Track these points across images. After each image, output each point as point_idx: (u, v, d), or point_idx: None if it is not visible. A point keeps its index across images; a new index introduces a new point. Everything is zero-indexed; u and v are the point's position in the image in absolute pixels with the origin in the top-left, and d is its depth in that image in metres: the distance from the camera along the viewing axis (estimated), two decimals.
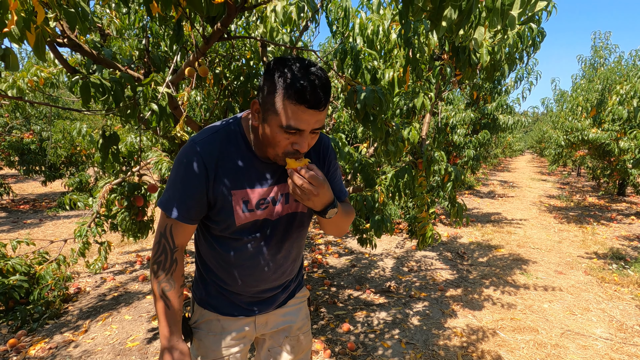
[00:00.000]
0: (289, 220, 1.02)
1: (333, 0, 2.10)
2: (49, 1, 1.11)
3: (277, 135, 0.84)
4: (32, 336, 2.52)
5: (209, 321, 1.07)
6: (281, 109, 0.81)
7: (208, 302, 1.07)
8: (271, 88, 0.82)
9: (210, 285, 1.07)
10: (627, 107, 4.72)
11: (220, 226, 0.96)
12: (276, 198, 0.98)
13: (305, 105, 0.80)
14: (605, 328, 2.80)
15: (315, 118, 0.83)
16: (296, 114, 0.81)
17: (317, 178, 0.86)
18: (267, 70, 0.85)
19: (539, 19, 2.30)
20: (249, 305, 1.07)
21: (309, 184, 0.85)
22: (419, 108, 2.05)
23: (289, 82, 0.79)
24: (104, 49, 1.69)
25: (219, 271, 1.03)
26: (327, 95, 0.83)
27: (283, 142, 0.85)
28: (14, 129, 7.15)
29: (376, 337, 2.61)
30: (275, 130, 0.84)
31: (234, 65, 1.99)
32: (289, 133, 0.83)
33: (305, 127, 0.83)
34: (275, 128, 0.83)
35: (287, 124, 0.81)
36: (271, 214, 0.98)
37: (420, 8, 0.98)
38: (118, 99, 1.28)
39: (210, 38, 1.31)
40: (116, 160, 1.78)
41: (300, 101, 0.79)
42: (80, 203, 3.10)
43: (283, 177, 0.98)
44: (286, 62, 0.82)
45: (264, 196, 0.96)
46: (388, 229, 2.31)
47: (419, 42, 1.86)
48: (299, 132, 0.84)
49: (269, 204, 0.97)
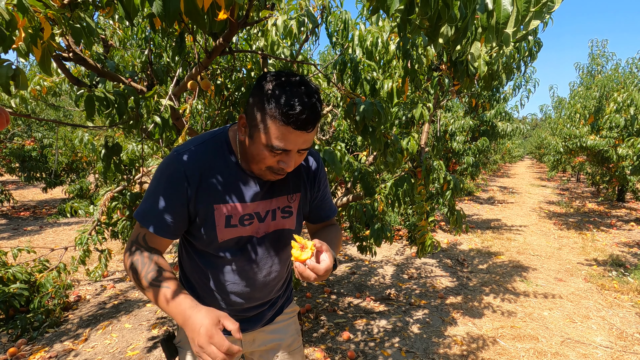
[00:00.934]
0: (275, 238, 0.99)
1: (333, 12, 2.14)
2: (56, 17, 1.14)
3: (262, 153, 0.82)
4: (32, 345, 2.52)
5: None
6: (268, 127, 0.79)
7: None
8: (259, 105, 0.80)
9: None
10: (624, 115, 4.77)
11: (202, 242, 0.92)
12: (262, 214, 0.95)
13: (293, 127, 0.77)
14: (605, 336, 2.79)
15: (302, 139, 0.81)
16: (283, 134, 0.78)
17: (322, 269, 0.84)
18: (256, 85, 0.83)
19: (536, 30, 2.34)
20: None
21: (316, 276, 0.84)
22: (417, 118, 2.08)
23: (276, 102, 0.77)
24: (107, 61, 1.72)
25: (202, 288, 0.99)
26: (316, 117, 0.80)
27: (268, 160, 0.83)
28: (15, 136, 7.19)
29: (376, 345, 2.61)
30: (260, 148, 0.82)
31: (235, 77, 2.02)
32: (275, 152, 0.81)
33: (292, 147, 0.81)
34: (261, 146, 0.82)
35: (273, 144, 0.79)
36: (256, 230, 0.95)
37: (418, 26, 1.01)
38: (122, 112, 1.30)
39: (212, 52, 1.33)
40: (118, 171, 1.80)
41: (287, 122, 0.77)
42: (81, 210, 3.11)
43: (269, 193, 0.96)
44: (276, 78, 0.80)
45: (249, 212, 0.93)
46: (388, 238, 2.32)
47: (417, 54, 1.89)
48: (285, 152, 0.82)
49: (254, 220, 0.94)
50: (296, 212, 1.02)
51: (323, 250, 0.87)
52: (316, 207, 1.10)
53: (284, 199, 0.99)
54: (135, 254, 0.85)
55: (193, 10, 1.02)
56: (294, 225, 1.02)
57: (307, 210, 1.08)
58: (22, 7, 0.99)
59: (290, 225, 1.01)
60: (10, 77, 0.76)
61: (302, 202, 1.03)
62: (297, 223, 1.03)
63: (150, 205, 0.86)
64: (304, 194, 1.03)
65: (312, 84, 0.83)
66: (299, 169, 1.02)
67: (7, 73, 0.75)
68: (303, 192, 1.03)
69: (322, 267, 0.84)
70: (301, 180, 1.02)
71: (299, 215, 1.03)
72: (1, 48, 0.94)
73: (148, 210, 0.87)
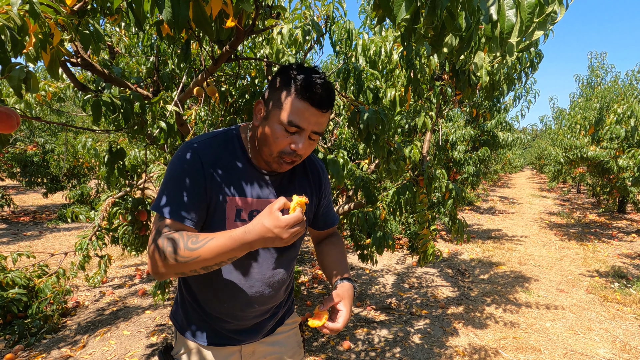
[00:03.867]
0: None
1: (336, 22, 2.17)
2: (65, 23, 1.16)
3: (277, 132, 0.85)
4: (29, 351, 2.49)
5: (190, 352, 1.00)
6: (287, 104, 0.83)
7: (189, 330, 1.00)
8: (279, 85, 0.86)
9: (190, 311, 1.01)
10: (625, 127, 4.79)
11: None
12: None
13: (310, 103, 0.83)
14: (608, 348, 2.76)
15: (316, 119, 0.85)
16: (300, 110, 0.83)
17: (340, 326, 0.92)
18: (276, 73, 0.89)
19: (537, 41, 2.37)
20: (233, 334, 1.01)
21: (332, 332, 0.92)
22: (420, 127, 2.09)
23: (297, 80, 0.83)
24: (113, 67, 1.74)
25: (203, 293, 0.97)
26: (331, 99, 0.87)
27: (282, 140, 0.85)
28: (17, 141, 7.22)
29: (377, 355, 2.58)
30: (275, 127, 0.85)
31: (239, 84, 2.04)
32: (289, 131, 0.85)
33: (306, 125, 0.84)
34: (276, 124, 0.85)
35: (290, 119, 0.83)
36: None
37: (423, 35, 1.03)
38: (127, 117, 1.31)
39: (218, 59, 1.35)
40: (121, 175, 1.80)
41: (306, 98, 0.82)
42: (82, 216, 3.10)
43: (277, 192, 0.96)
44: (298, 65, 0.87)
45: (257, 208, 0.93)
46: (389, 246, 2.31)
47: (420, 63, 1.91)
48: (299, 131, 0.85)
49: None
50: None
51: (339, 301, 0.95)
52: (322, 213, 1.11)
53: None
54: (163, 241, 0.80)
55: (201, 17, 1.04)
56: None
57: (312, 216, 1.09)
58: (34, 13, 1.01)
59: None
60: (22, 80, 0.76)
61: (307, 206, 1.03)
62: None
63: (170, 194, 0.85)
64: (310, 198, 1.04)
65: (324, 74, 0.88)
66: (305, 172, 1.03)
67: (19, 76, 0.76)
68: (309, 196, 1.03)
69: (339, 326, 0.92)
70: (307, 184, 1.03)
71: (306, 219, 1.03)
72: (13, 52, 0.96)
73: (169, 200, 0.84)
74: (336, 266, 1.06)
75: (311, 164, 1.06)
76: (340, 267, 1.05)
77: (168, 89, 1.80)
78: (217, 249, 0.76)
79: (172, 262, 0.78)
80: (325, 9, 2.13)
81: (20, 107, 2.44)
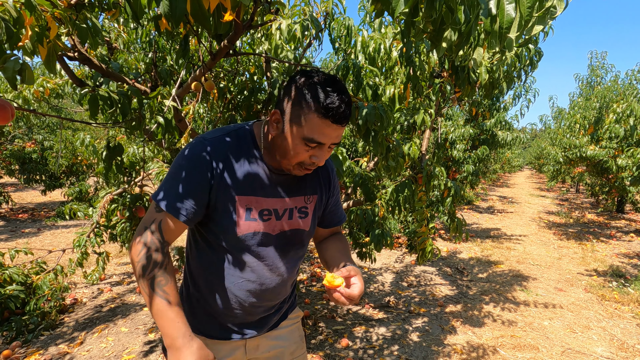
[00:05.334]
0: (290, 237, 0.99)
1: (336, 19, 2.16)
2: (62, 17, 1.15)
3: (297, 147, 0.85)
4: (26, 347, 2.49)
5: None
6: (307, 121, 0.83)
7: (195, 325, 1.00)
8: (296, 101, 0.84)
9: (196, 307, 1.01)
10: (624, 126, 4.79)
11: (219, 234, 0.91)
12: (279, 211, 0.95)
13: (330, 120, 0.82)
14: (606, 347, 2.77)
15: (336, 133, 0.85)
16: (321, 127, 0.83)
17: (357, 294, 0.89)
18: (291, 81, 0.87)
19: (537, 39, 2.37)
20: (239, 328, 1.02)
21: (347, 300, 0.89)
22: (419, 124, 2.09)
23: (315, 97, 0.81)
24: (112, 62, 1.73)
25: (209, 288, 0.97)
26: (350, 112, 0.86)
27: (302, 154, 0.86)
28: (16, 138, 7.19)
29: (375, 353, 2.58)
30: (296, 142, 0.85)
31: (238, 80, 2.03)
32: (309, 146, 0.85)
33: (326, 141, 0.85)
34: (297, 140, 0.84)
35: (312, 137, 0.83)
36: (272, 228, 0.95)
37: (422, 29, 1.02)
38: (125, 111, 1.31)
39: (216, 54, 1.34)
40: (119, 171, 1.80)
41: (326, 116, 0.81)
42: (80, 213, 3.09)
43: (288, 192, 0.97)
44: (313, 76, 0.85)
45: (268, 207, 0.93)
46: (388, 244, 2.31)
47: (419, 60, 1.91)
48: (319, 146, 0.86)
49: (271, 217, 0.94)
50: (312, 214, 1.02)
51: (353, 275, 0.91)
52: (330, 211, 1.11)
53: (301, 200, 0.99)
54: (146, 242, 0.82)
55: (199, 11, 1.03)
56: (308, 227, 1.02)
57: (321, 214, 1.09)
58: (30, 5, 1.00)
59: (305, 226, 1.01)
60: (17, 71, 0.76)
61: (317, 205, 1.04)
62: (312, 225, 1.03)
63: (170, 187, 0.85)
64: (320, 197, 1.04)
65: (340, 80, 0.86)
66: (316, 171, 1.04)
67: (14, 67, 0.75)
68: (319, 194, 1.04)
69: (356, 293, 0.88)
70: (318, 183, 1.04)
71: (314, 218, 1.04)
72: (8, 45, 0.95)
73: (167, 192, 0.85)
74: (342, 255, 1.05)
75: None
76: (346, 256, 1.05)
77: (166, 85, 1.79)
78: (157, 315, 0.78)
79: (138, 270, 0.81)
80: (324, 6, 2.12)
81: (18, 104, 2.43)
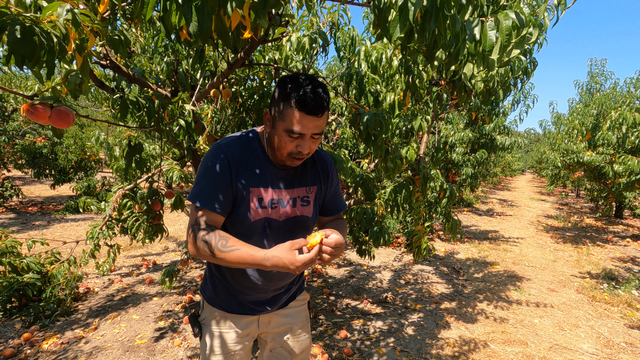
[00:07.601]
0: (295, 222, 1.16)
1: (341, 28, 2.31)
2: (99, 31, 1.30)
3: (283, 139, 1.00)
4: (44, 331, 2.65)
5: (216, 319, 1.20)
6: (286, 116, 0.98)
7: (216, 301, 1.20)
8: (279, 100, 1.00)
9: (218, 285, 1.19)
10: (617, 133, 4.92)
11: (235, 222, 1.08)
12: (284, 201, 1.13)
13: (305, 112, 0.96)
14: (592, 344, 2.90)
15: (314, 124, 0.99)
16: (298, 120, 0.97)
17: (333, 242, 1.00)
18: (277, 85, 1.03)
19: (531, 50, 2.51)
20: (254, 305, 1.20)
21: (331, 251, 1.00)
22: (416, 129, 2.23)
23: (292, 93, 0.96)
24: (135, 68, 1.89)
25: (231, 271, 1.15)
26: (324, 104, 0.99)
27: (288, 145, 1.01)
28: (27, 133, 7.37)
29: (372, 344, 2.72)
30: (281, 134, 1.00)
31: (249, 85, 2.18)
32: (292, 137, 0.99)
33: (306, 131, 0.99)
34: (281, 132, 1.00)
35: (291, 128, 0.98)
36: (279, 214, 1.12)
37: (417, 50, 1.17)
38: (150, 114, 1.46)
39: (233, 64, 1.49)
40: (139, 168, 1.95)
41: (301, 109, 0.96)
42: (93, 206, 3.26)
43: (291, 183, 1.14)
44: (293, 77, 1.00)
45: (275, 197, 1.10)
46: (386, 240, 2.46)
47: (418, 70, 2.05)
48: (301, 136, 1.00)
49: (278, 205, 1.11)
50: (313, 202, 1.19)
51: (330, 233, 1.04)
52: (329, 200, 1.28)
53: (302, 190, 1.17)
54: (200, 233, 1.00)
55: (222, 29, 1.18)
56: (310, 214, 1.18)
57: (321, 202, 1.25)
58: (76, 22, 1.15)
59: (308, 213, 1.18)
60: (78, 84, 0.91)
61: (317, 194, 1.21)
62: (314, 212, 1.20)
63: (202, 187, 1.03)
64: (319, 187, 1.21)
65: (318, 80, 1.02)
66: (315, 165, 1.20)
67: (76, 81, 0.90)
68: (319, 185, 1.21)
69: (332, 240, 1.00)
70: (317, 175, 1.20)
71: (316, 206, 1.21)
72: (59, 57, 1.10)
73: (201, 191, 1.02)
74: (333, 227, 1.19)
75: (320, 159, 1.22)
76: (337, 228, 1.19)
77: (185, 90, 1.94)
78: (238, 259, 0.97)
79: (203, 254, 1.00)
80: (330, 16, 2.27)
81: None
